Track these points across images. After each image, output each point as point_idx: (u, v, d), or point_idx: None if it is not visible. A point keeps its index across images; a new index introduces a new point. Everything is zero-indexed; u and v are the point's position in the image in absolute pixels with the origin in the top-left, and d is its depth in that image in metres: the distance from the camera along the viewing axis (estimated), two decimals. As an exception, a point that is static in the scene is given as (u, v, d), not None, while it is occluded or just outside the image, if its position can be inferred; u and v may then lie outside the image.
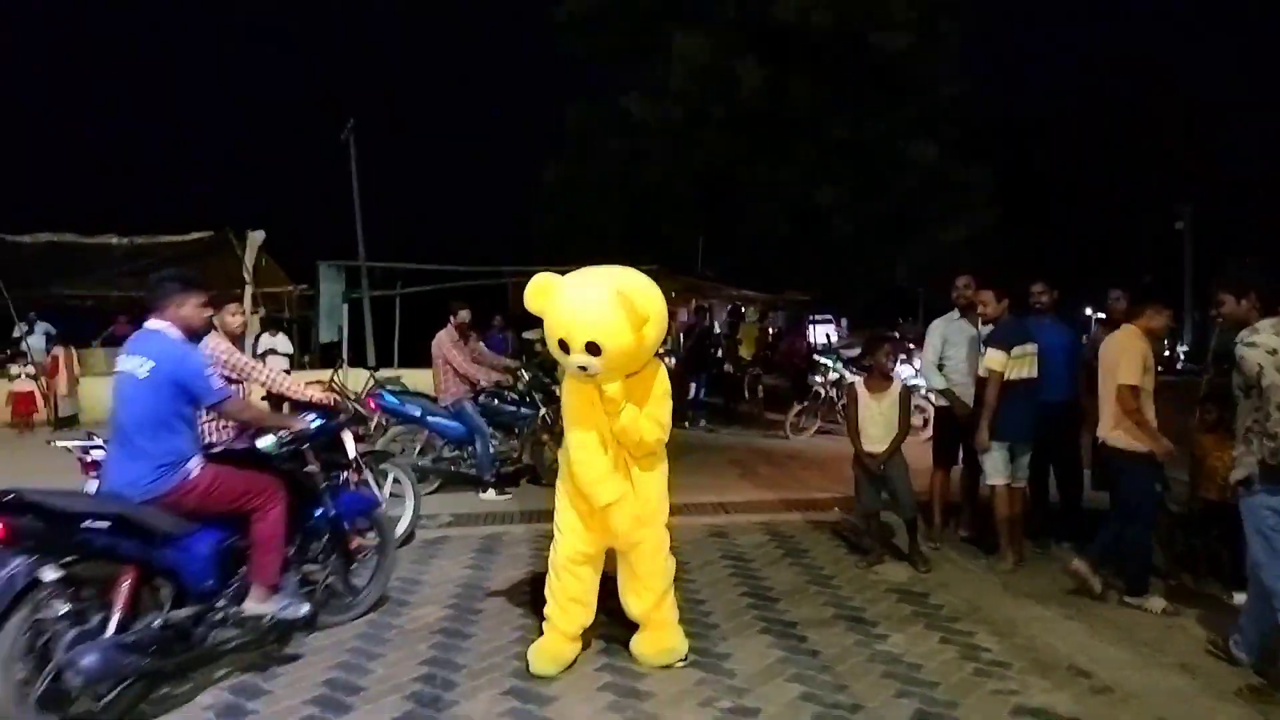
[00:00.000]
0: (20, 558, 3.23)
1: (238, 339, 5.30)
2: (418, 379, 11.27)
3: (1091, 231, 26.05)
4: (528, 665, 4.02)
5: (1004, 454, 5.53)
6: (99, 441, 4.87)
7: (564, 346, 3.74)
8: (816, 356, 13.20)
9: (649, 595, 4.09)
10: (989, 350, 5.53)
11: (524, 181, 24.44)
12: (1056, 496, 6.22)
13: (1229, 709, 3.66)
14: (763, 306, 19.43)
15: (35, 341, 14.06)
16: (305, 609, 4.03)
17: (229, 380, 4.99)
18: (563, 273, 3.97)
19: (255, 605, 3.90)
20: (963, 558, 5.85)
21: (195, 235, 13.96)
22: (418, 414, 7.58)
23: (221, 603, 3.84)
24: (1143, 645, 4.35)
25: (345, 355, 13.96)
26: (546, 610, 4.14)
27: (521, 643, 4.35)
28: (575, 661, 4.12)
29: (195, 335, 4.10)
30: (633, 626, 4.20)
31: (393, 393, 7.79)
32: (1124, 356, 4.81)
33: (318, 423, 4.45)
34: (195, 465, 3.80)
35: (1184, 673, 4.03)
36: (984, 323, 5.79)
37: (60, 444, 5.09)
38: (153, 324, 3.88)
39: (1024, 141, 26.66)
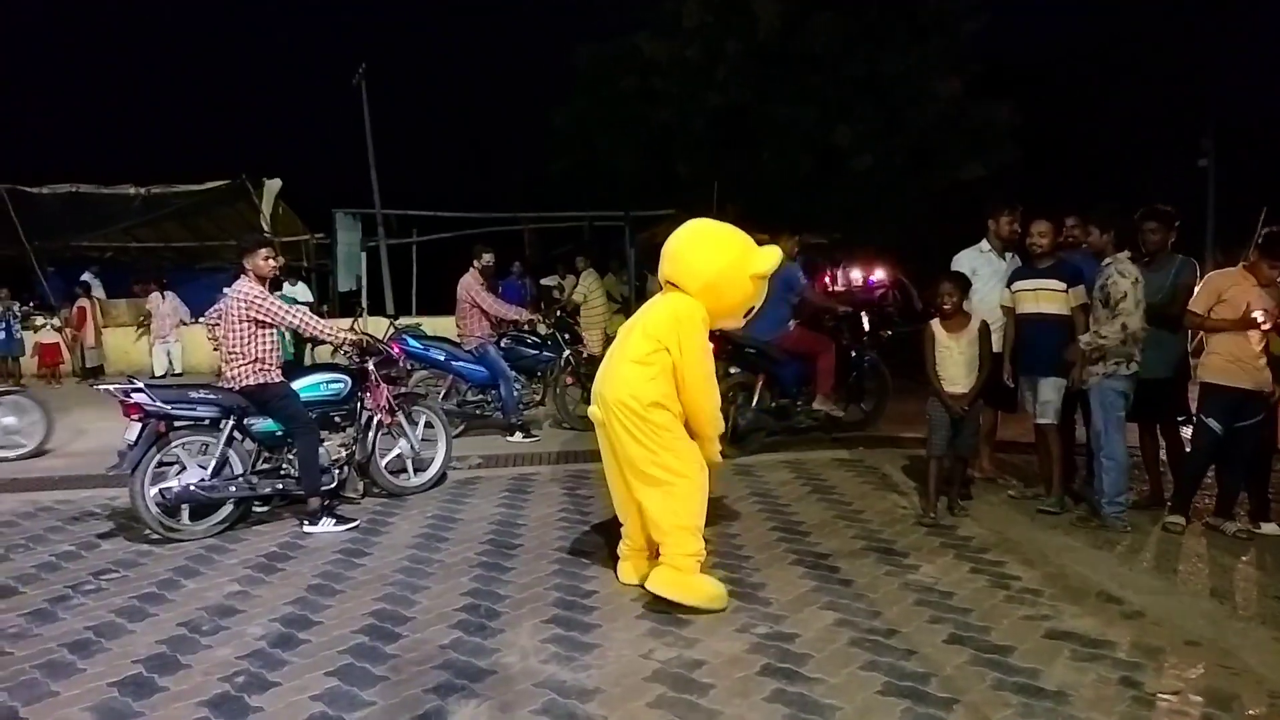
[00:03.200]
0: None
1: (268, 283, 5.36)
2: (437, 325, 11.34)
3: (1115, 170, 25.60)
4: (711, 609, 3.95)
5: (1061, 391, 5.39)
6: (140, 384, 4.99)
7: (750, 313, 4.31)
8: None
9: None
10: (1075, 288, 5.28)
11: (536, 125, 24.04)
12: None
13: (1257, 630, 3.73)
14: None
15: (97, 293, 14.42)
16: None
17: (259, 324, 5.09)
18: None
19: None
20: (991, 492, 5.91)
21: (211, 184, 13.97)
22: (442, 358, 7.64)
23: None
24: (1171, 572, 4.43)
25: (365, 303, 14.02)
26: (690, 547, 4.00)
27: (560, 575, 4.46)
28: (613, 591, 4.23)
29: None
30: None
31: (416, 338, 7.85)
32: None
33: None
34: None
35: (1213, 598, 4.11)
36: (1037, 256, 5.53)
37: (102, 388, 5.21)
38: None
39: (1046, 79, 26.08)
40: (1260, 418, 5.00)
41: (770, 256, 4.10)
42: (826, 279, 17.00)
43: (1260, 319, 4.80)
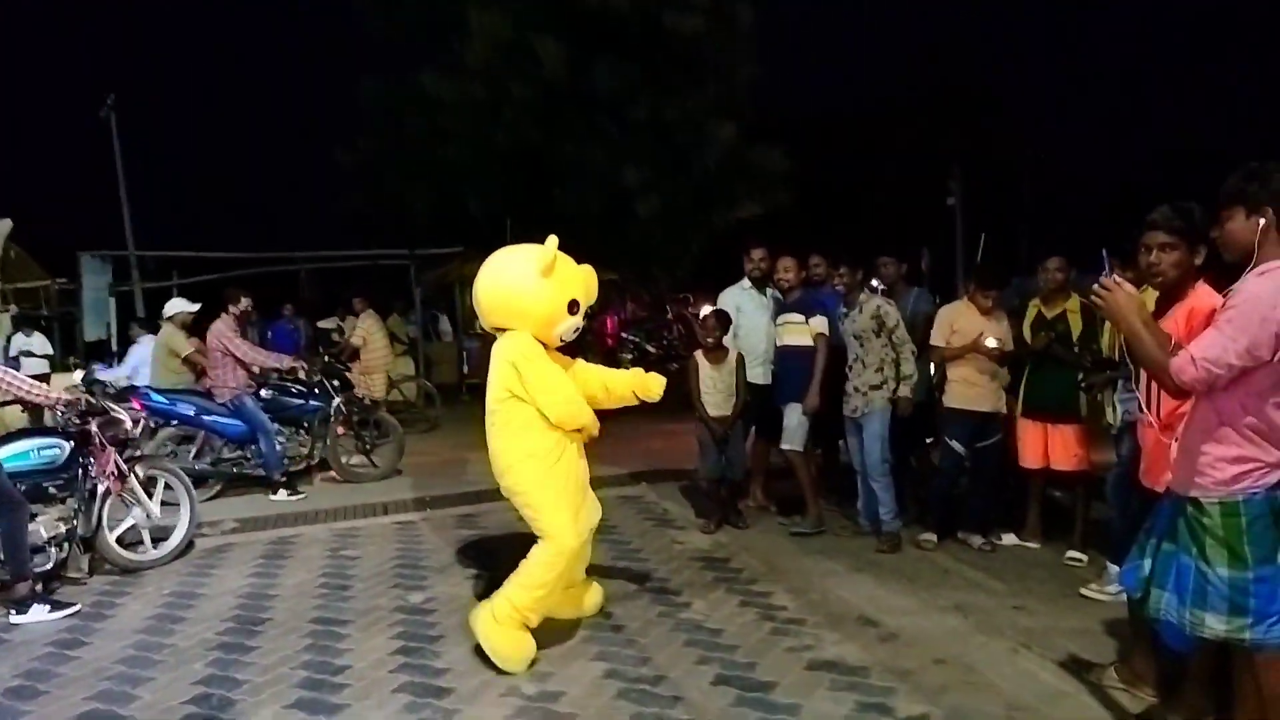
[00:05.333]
0: None
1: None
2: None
3: (877, 211, 27.72)
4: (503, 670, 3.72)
5: (807, 420, 5.71)
6: None
7: (574, 308, 3.91)
8: (624, 334, 13.33)
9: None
10: (814, 318, 5.65)
11: (322, 163, 22.99)
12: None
13: (996, 643, 3.93)
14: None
15: None
16: None
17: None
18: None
19: None
20: (763, 522, 6.03)
21: (-75, 226, 12.27)
22: (191, 413, 6.96)
23: None
24: (923, 591, 4.63)
25: (116, 352, 12.70)
26: (520, 602, 3.74)
27: (310, 650, 4.07)
28: (370, 663, 3.90)
29: None
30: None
31: (161, 391, 7.12)
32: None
33: None
34: None
35: (958, 613, 4.31)
36: (785, 291, 5.92)
37: None
38: None
39: (814, 127, 27.88)
40: (998, 437, 5.38)
41: (546, 247, 3.82)
42: (616, 316, 17.19)
43: (992, 345, 5.18)
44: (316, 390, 7.63)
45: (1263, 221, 2.45)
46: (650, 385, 4.24)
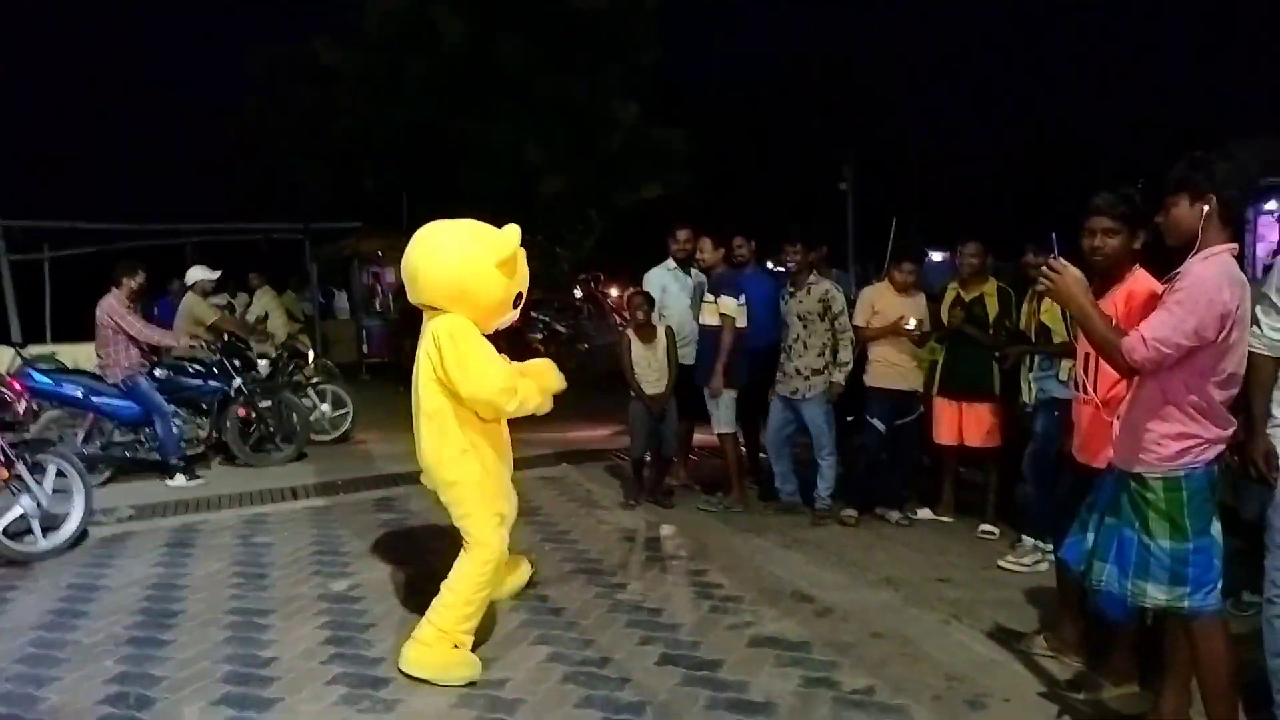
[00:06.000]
0: None
1: None
2: (78, 355, 9.71)
3: (773, 193, 28.21)
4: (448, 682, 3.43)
5: (734, 402, 5.77)
6: None
7: (517, 301, 3.71)
8: (532, 313, 13.15)
9: None
10: (722, 297, 5.69)
11: (208, 132, 21.85)
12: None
13: (927, 615, 4.06)
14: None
15: None
16: None
17: None
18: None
19: None
20: (688, 502, 6.06)
21: None
22: (80, 394, 6.49)
23: None
24: (852, 565, 4.75)
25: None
26: (447, 625, 3.48)
27: (232, 642, 3.86)
28: (299, 653, 3.73)
29: None
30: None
31: (45, 372, 6.62)
32: None
33: None
34: None
35: (888, 586, 4.43)
36: (706, 271, 5.96)
37: None
38: None
39: (717, 110, 28.13)
40: (917, 415, 5.55)
41: (509, 237, 3.54)
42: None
43: (911, 325, 5.33)
44: (216, 370, 7.23)
45: (1206, 208, 2.57)
46: (548, 381, 3.81)
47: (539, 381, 3.73)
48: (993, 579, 4.52)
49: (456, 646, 3.51)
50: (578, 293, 17.42)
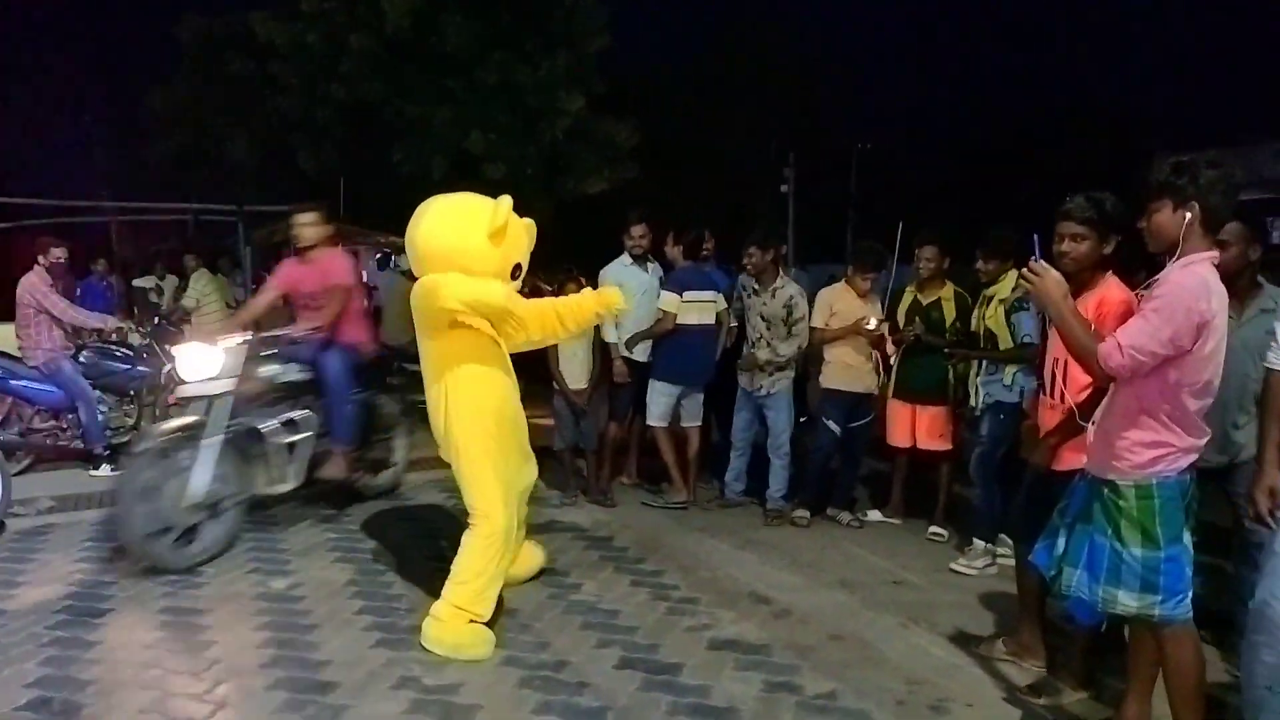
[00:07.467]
0: None
1: None
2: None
3: (716, 191, 28.28)
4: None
5: (672, 399, 5.72)
6: None
7: (517, 272, 3.79)
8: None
9: None
10: (663, 293, 5.72)
11: (132, 105, 20.92)
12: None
13: (884, 618, 4.05)
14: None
15: None
16: None
17: None
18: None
19: None
20: (638, 500, 5.98)
21: None
22: (-2, 377, 6.12)
23: None
24: (807, 567, 4.73)
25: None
26: (463, 601, 3.60)
27: (166, 643, 3.65)
28: (239, 648, 3.54)
29: None
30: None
31: (-43, 353, 6.22)
32: None
33: None
34: None
35: (844, 589, 4.42)
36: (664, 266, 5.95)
37: None
38: None
39: (661, 104, 28.04)
40: (870, 418, 5.56)
41: (500, 208, 3.61)
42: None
43: (872, 326, 5.33)
44: (145, 355, 6.89)
45: (1189, 215, 2.57)
46: (610, 298, 4.08)
47: (599, 300, 4.05)
48: (946, 582, 4.54)
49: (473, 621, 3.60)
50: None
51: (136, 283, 12.06)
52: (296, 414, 5.10)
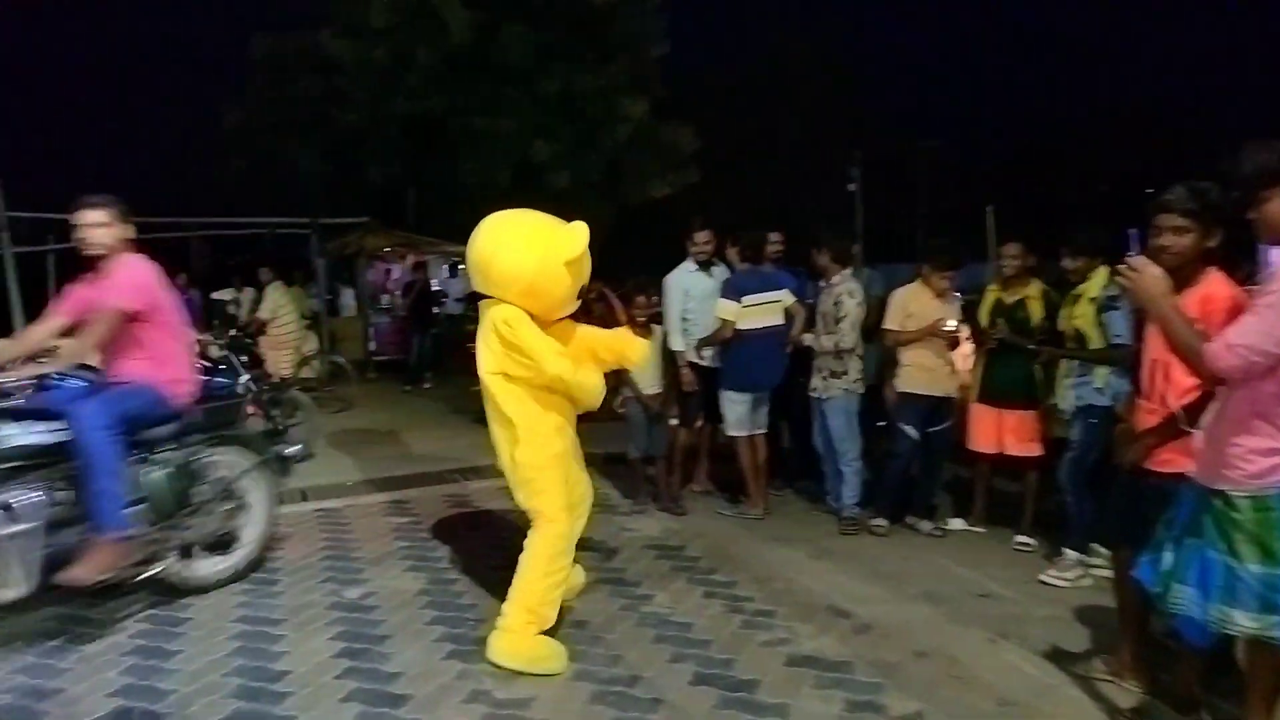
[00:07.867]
0: None
1: None
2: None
3: (781, 192, 28.04)
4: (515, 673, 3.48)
5: (746, 406, 5.60)
6: None
7: (581, 294, 3.83)
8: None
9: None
10: (720, 302, 5.59)
11: (207, 123, 21.59)
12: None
13: (972, 633, 3.87)
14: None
15: None
16: None
17: None
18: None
19: None
20: (709, 508, 5.87)
21: None
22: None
23: None
24: (888, 578, 4.55)
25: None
26: (532, 603, 3.59)
27: (242, 654, 3.67)
28: (314, 667, 3.55)
29: None
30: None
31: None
32: None
33: None
34: None
35: (928, 602, 4.24)
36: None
37: None
38: None
39: (723, 108, 27.94)
40: (950, 422, 5.36)
41: (578, 236, 3.65)
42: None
43: (951, 327, 5.14)
44: (222, 366, 7.03)
45: (1305, 202, 2.38)
46: (629, 352, 4.06)
47: (616, 348, 4.04)
48: (1036, 594, 4.32)
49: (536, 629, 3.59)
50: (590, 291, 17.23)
51: (216, 296, 12.39)
52: (13, 496, 3.66)
